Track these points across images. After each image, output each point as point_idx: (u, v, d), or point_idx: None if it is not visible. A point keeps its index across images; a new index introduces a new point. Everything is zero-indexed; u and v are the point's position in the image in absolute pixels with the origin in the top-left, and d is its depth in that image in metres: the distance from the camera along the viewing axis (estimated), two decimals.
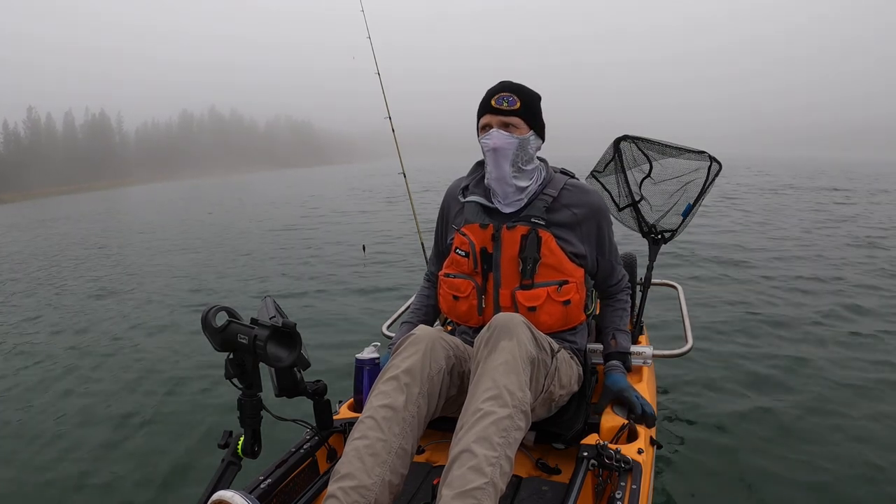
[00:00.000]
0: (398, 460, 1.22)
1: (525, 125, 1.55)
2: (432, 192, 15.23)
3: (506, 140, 1.53)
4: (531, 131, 1.57)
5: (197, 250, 9.25)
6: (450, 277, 1.64)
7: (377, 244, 8.54)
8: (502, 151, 1.53)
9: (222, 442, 1.26)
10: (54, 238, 13.21)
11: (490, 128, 1.55)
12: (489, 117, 1.56)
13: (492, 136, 1.54)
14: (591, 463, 1.36)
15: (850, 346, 3.60)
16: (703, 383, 3.08)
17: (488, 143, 1.54)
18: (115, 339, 4.65)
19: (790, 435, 2.54)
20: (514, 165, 1.55)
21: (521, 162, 1.55)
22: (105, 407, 3.30)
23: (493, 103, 1.55)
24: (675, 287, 2.82)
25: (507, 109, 1.54)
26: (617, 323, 1.74)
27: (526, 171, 1.57)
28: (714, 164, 2.27)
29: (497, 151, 1.53)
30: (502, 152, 1.53)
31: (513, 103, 1.54)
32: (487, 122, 1.56)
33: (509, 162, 1.54)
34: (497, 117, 1.55)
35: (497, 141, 1.53)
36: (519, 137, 1.54)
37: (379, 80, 3.54)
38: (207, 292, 6.14)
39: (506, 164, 1.54)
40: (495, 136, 1.53)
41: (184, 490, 2.38)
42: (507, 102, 1.54)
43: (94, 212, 21.91)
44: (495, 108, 1.55)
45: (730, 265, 6.13)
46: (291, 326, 1.21)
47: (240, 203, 19.84)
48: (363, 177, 34.74)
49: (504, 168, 1.55)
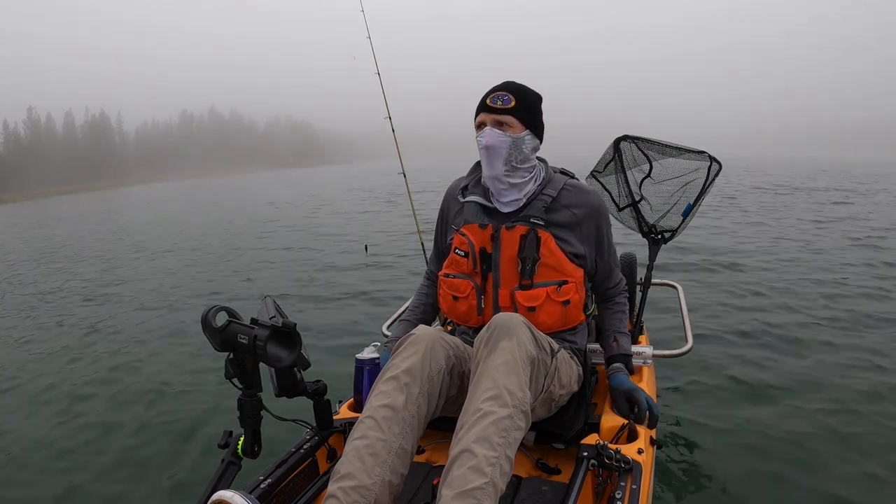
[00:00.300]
0: (398, 460, 1.23)
1: (519, 124, 1.56)
2: (429, 192, 15.22)
3: (497, 138, 1.54)
4: (526, 131, 1.57)
5: (196, 249, 9.26)
6: (449, 277, 1.64)
7: (377, 244, 8.55)
8: (494, 150, 1.54)
9: (222, 442, 1.26)
10: (82, 234, 13.22)
11: (484, 126, 1.57)
12: (484, 115, 1.57)
13: (485, 133, 1.55)
14: (591, 463, 1.36)
15: (850, 346, 3.60)
16: (703, 383, 3.08)
17: (481, 141, 1.56)
18: (117, 338, 4.65)
19: (790, 435, 2.54)
20: (507, 164, 1.55)
21: (514, 161, 1.56)
22: (105, 407, 3.31)
23: (488, 102, 1.57)
24: (675, 287, 2.82)
25: (501, 108, 1.55)
26: (617, 325, 1.74)
27: (520, 170, 1.57)
28: (714, 164, 2.27)
29: (489, 149, 1.55)
30: (494, 150, 1.54)
31: (507, 102, 1.55)
32: (482, 120, 1.58)
33: (502, 160, 1.55)
34: (491, 116, 1.56)
35: (489, 139, 1.54)
36: (512, 136, 1.54)
37: (379, 80, 3.54)
38: (207, 292, 6.15)
39: (498, 163, 1.55)
40: (488, 134, 1.55)
41: (184, 490, 2.38)
42: (502, 101, 1.55)
43: (96, 211, 21.93)
44: (489, 106, 1.56)
45: (730, 265, 6.12)
46: (291, 326, 1.21)
47: (240, 203, 19.85)
48: (363, 177, 34.77)
49: (496, 166, 1.56)
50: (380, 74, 3.54)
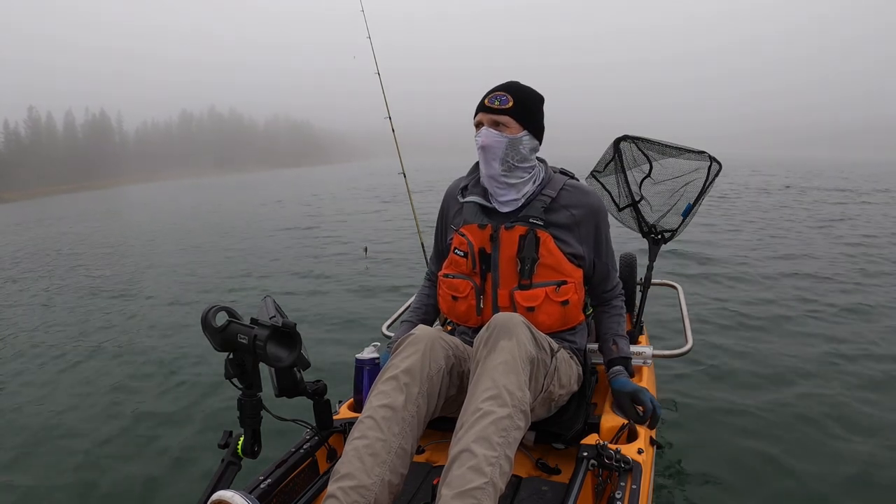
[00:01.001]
0: (398, 460, 1.23)
1: (517, 125, 1.56)
2: (428, 192, 15.22)
3: (494, 138, 1.54)
4: (524, 131, 1.57)
5: (198, 247, 9.26)
6: (449, 278, 1.64)
7: (378, 244, 8.54)
8: (490, 150, 1.55)
9: (222, 442, 1.26)
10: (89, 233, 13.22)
11: (482, 126, 1.57)
12: (482, 115, 1.58)
13: (482, 133, 1.56)
14: (590, 463, 1.36)
15: (850, 345, 3.60)
16: (702, 383, 3.08)
17: (478, 141, 1.57)
18: (116, 336, 4.65)
19: (790, 435, 2.54)
20: (503, 164, 1.56)
21: (512, 160, 1.56)
22: (104, 406, 3.30)
23: (486, 102, 1.57)
24: (675, 287, 2.82)
25: (499, 108, 1.55)
26: (616, 328, 1.73)
27: (518, 170, 1.58)
28: (714, 164, 2.27)
29: (486, 149, 1.56)
30: (490, 150, 1.55)
31: (505, 102, 1.55)
32: (480, 119, 1.58)
33: (499, 160, 1.56)
34: (489, 115, 1.56)
35: (486, 139, 1.55)
36: (509, 136, 1.55)
37: (379, 80, 3.54)
38: (207, 291, 6.15)
39: (495, 163, 1.56)
40: (484, 134, 1.56)
41: (184, 490, 2.38)
42: (500, 101, 1.55)
43: (97, 210, 21.91)
44: (487, 106, 1.57)
45: (730, 265, 6.13)
46: (291, 326, 1.21)
47: (239, 203, 19.84)
48: (362, 176, 34.76)
49: (493, 166, 1.57)
50: (380, 74, 3.54)
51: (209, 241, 10.33)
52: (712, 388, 3.03)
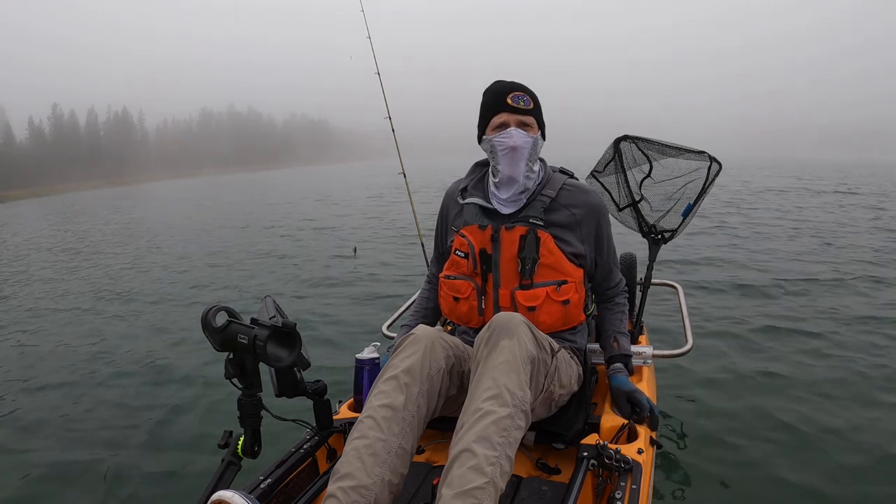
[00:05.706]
0: (398, 460, 1.22)
1: (536, 125, 1.57)
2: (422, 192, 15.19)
3: (524, 139, 1.53)
4: (539, 131, 1.59)
5: (201, 247, 9.26)
6: (450, 279, 1.64)
7: (377, 245, 8.54)
8: (521, 151, 1.53)
9: (222, 442, 1.26)
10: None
11: (507, 126, 1.55)
12: (506, 115, 1.55)
13: (511, 134, 1.53)
14: (591, 463, 1.36)
15: (850, 345, 3.59)
16: (703, 383, 3.08)
17: (506, 142, 1.53)
18: (118, 336, 4.65)
19: (790, 435, 2.54)
20: (527, 165, 1.56)
21: (532, 161, 1.56)
22: (103, 406, 3.30)
23: (510, 101, 1.54)
24: (675, 287, 2.82)
25: (524, 108, 1.54)
26: (617, 326, 1.74)
27: (534, 171, 1.59)
28: (714, 164, 2.27)
29: (516, 150, 1.53)
30: (521, 151, 1.53)
31: (528, 103, 1.55)
32: (504, 120, 1.55)
33: (525, 161, 1.55)
34: (515, 116, 1.54)
35: (517, 140, 1.53)
36: (533, 137, 1.55)
37: (379, 79, 3.54)
38: (207, 291, 6.15)
39: (522, 163, 1.54)
40: (515, 135, 1.53)
41: (184, 490, 2.38)
42: (524, 102, 1.54)
43: (121, 206, 21.93)
44: (513, 106, 1.54)
45: (729, 265, 6.12)
46: (291, 326, 1.21)
47: (249, 202, 19.84)
48: (370, 175, 34.80)
49: (520, 167, 1.54)
50: (380, 74, 3.55)
51: (209, 242, 10.34)
52: (712, 388, 3.03)
